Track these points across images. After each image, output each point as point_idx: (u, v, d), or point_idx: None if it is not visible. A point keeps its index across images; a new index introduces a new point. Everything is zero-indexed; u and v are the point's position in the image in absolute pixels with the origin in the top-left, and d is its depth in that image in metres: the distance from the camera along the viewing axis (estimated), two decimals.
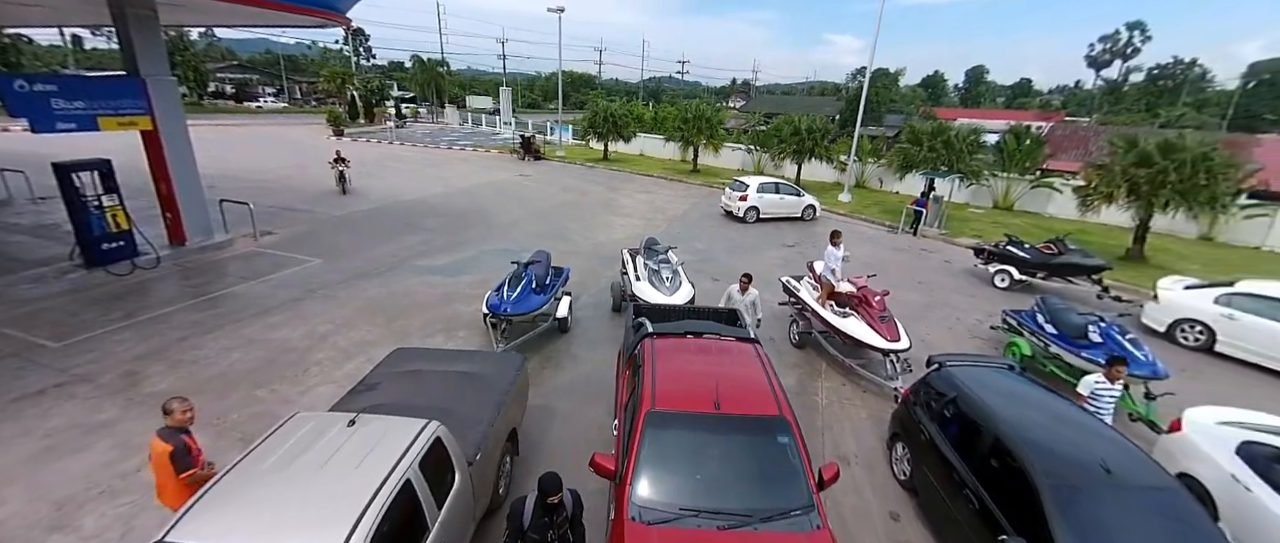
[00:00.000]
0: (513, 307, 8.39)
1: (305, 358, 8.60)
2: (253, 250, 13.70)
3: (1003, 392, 5.62)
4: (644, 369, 5.20)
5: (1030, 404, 5.42)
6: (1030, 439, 4.81)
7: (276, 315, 10.05)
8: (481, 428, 5.10)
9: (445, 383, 5.73)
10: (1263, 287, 9.82)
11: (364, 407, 5.09)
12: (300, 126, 46.04)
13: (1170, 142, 14.06)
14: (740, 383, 5.08)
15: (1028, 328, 9.31)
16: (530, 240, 15.52)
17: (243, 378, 7.99)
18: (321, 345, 9.00)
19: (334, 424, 4.25)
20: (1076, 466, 4.57)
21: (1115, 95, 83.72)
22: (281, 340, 9.12)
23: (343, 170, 20.32)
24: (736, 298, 8.11)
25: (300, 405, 7.27)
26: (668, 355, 5.43)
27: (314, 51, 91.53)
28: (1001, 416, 5.15)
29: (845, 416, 7.77)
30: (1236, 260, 16.63)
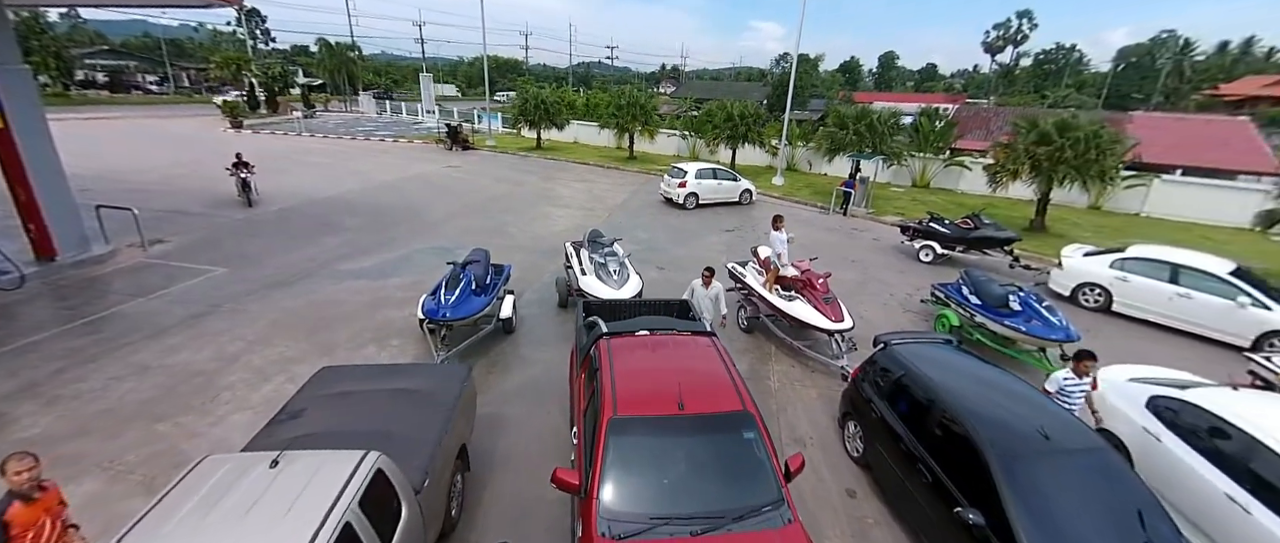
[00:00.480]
0: (452, 311, 7.85)
1: (213, 382, 7.66)
2: (141, 262, 12.13)
3: (946, 367, 5.85)
4: (602, 373, 4.95)
5: (971, 377, 5.66)
6: (975, 412, 5.01)
7: (175, 336, 8.91)
8: (427, 450, 4.67)
9: (382, 403, 5.21)
10: (1149, 250, 10.94)
11: (288, 440, 4.54)
12: (191, 118, 41.49)
13: (1066, 121, 15.36)
14: (701, 380, 4.95)
15: (955, 300, 9.86)
16: (464, 237, 14.75)
17: (138, 412, 7.00)
18: (232, 367, 8.06)
19: (254, 467, 3.71)
20: (1019, 435, 4.80)
21: (1008, 78, 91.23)
22: (183, 364, 8.09)
23: (246, 177, 16.96)
24: (699, 293, 7.87)
25: (211, 439, 6.47)
26: (625, 356, 5.21)
27: (202, 34, 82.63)
28: (947, 391, 5.34)
29: (797, 397, 7.90)
30: (1119, 225, 18.57)
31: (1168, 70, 71.67)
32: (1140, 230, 17.99)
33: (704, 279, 7.87)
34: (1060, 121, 15.40)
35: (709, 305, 7.81)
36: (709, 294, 7.85)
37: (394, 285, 11.24)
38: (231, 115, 37.43)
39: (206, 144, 29.70)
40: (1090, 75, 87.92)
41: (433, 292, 8.51)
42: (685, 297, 7.90)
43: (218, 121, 38.06)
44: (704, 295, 7.82)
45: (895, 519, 5.65)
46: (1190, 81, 69.97)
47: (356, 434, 4.63)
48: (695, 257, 14.00)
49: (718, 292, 7.98)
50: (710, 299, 7.86)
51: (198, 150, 27.30)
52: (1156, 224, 19.02)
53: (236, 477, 3.62)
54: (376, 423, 4.88)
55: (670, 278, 12.40)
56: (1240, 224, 18.68)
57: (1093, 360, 5.83)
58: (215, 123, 37.97)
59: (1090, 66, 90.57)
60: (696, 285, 7.93)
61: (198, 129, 35.75)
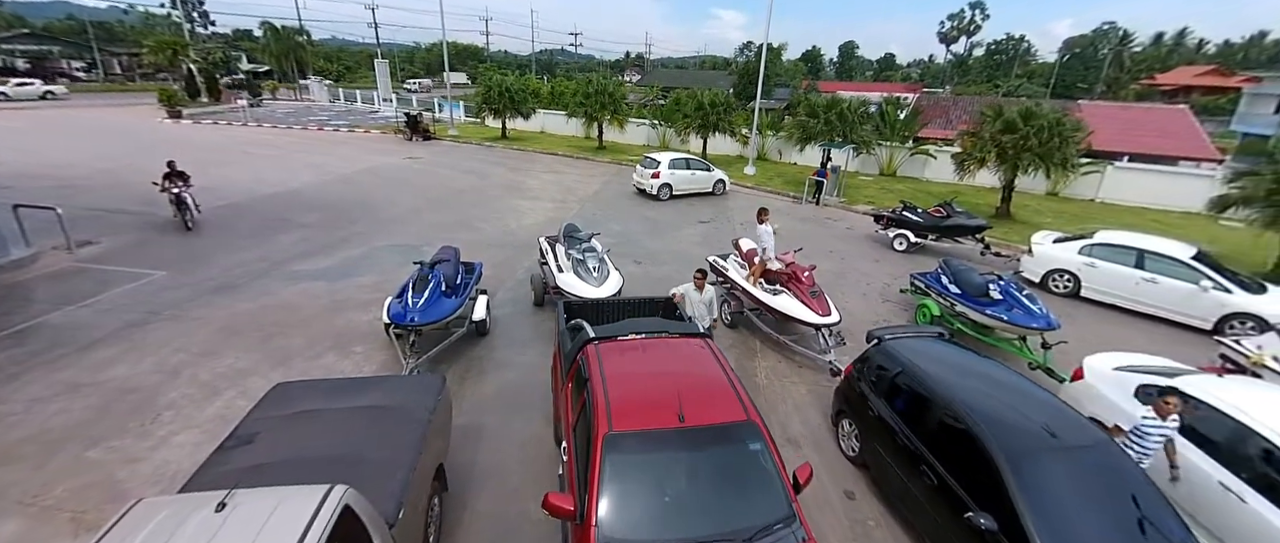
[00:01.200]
0: (421, 315, 7.29)
1: (154, 400, 6.92)
2: (69, 266, 11.01)
3: (943, 362, 5.71)
4: (592, 383, 4.57)
5: (970, 372, 5.53)
6: (979, 409, 4.86)
7: (109, 348, 8.05)
8: (401, 476, 4.20)
9: (347, 423, 4.69)
10: (1115, 237, 11.21)
11: (238, 471, 4.00)
12: (124, 108, 38.58)
13: (1030, 110, 15.68)
14: (700, 387, 4.63)
15: (934, 290, 9.85)
16: (430, 232, 14.03)
17: (67, 436, 6.24)
18: (175, 382, 7.31)
19: (196, 512, 3.19)
20: (1025, 432, 4.67)
21: (963, 68, 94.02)
22: (119, 381, 7.29)
23: (180, 192, 13.36)
24: (692, 297, 7.34)
25: (151, 465, 5.80)
26: (616, 363, 4.83)
27: (132, 17, 77.00)
28: (947, 387, 5.19)
29: (785, 394, 7.70)
30: (1077, 212, 19.19)
31: (1109, 61, 75.16)
32: (1096, 216, 18.62)
33: (696, 282, 7.34)
34: (1024, 110, 15.70)
35: (703, 311, 7.32)
36: (703, 299, 7.34)
37: (355, 286, 10.52)
38: (169, 104, 34.90)
39: (141, 136, 27.64)
40: (1038, 65, 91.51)
41: (398, 294, 7.93)
42: (672, 293, 7.45)
43: (154, 111, 35.45)
44: (698, 300, 7.32)
45: (897, 521, 5.49)
46: (1129, 71, 73.58)
47: (319, 462, 4.13)
48: (672, 250, 13.71)
49: (712, 297, 7.47)
50: (705, 304, 7.36)
51: (132, 142, 25.35)
52: (1111, 210, 19.75)
53: (176, 525, 3.10)
54: (341, 447, 4.37)
55: (649, 272, 12.06)
56: (1189, 208, 19.58)
57: (1180, 401, 4.95)
58: (151, 113, 35.36)
59: (1037, 57, 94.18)
60: (688, 289, 7.39)
61: (131, 119, 33.24)
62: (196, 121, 33.89)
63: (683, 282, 11.41)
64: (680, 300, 7.36)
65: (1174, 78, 66.65)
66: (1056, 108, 16.07)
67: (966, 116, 33.58)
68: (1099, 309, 11.01)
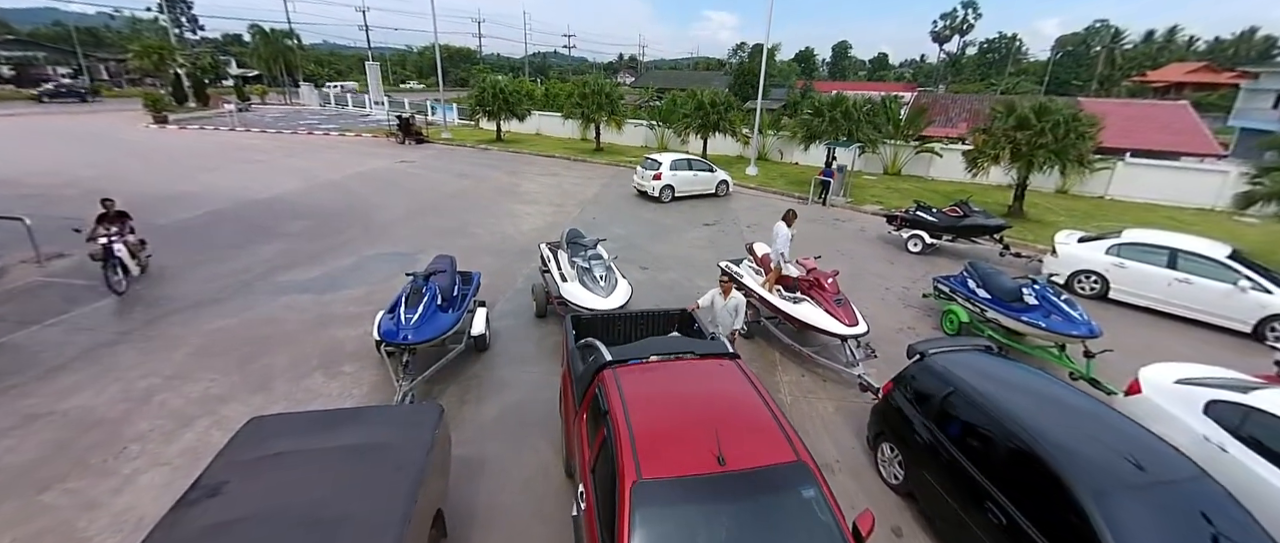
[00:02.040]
0: (415, 333, 6.65)
1: (119, 432, 6.25)
2: (36, 281, 10.31)
3: (1001, 381, 5.12)
4: (613, 418, 3.95)
5: (1034, 394, 4.94)
6: (1053, 439, 4.28)
7: (73, 373, 7.37)
8: (393, 533, 3.57)
9: (330, 468, 4.06)
10: (1145, 236, 10.70)
11: (200, 532, 3.36)
12: (109, 114, 37.71)
13: (1044, 105, 15.19)
14: (739, 420, 4.02)
15: (961, 294, 9.31)
16: (423, 239, 13.37)
17: (19, 477, 5.56)
18: (144, 410, 6.63)
19: None
20: (1108, 466, 4.10)
21: (956, 67, 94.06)
22: (81, 410, 6.61)
23: (111, 242, 9.58)
24: (718, 305, 6.77)
25: (112, 512, 5.14)
26: (637, 392, 4.22)
27: (119, 22, 75.93)
28: (1012, 412, 4.60)
29: (813, 411, 7.10)
30: (1089, 209, 18.74)
31: (1102, 58, 75.29)
32: (1109, 213, 18.18)
33: (723, 288, 6.74)
34: (1038, 106, 15.22)
35: (728, 319, 6.75)
36: (729, 306, 6.74)
37: (344, 299, 9.85)
38: (154, 110, 34.03)
39: (125, 142, 26.85)
40: (1031, 63, 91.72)
41: (390, 308, 7.28)
42: (699, 304, 6.81)
43: (140, 117, 34.59)
44: (724, 308, 6.73)
45: None
46: (1120, 68, 73.77)
47: (296, 521, 3.50)
48: (677, 254, 13.12)
49: (739, 303, 6.88)
50: (730, 312, 6.77)
51: (114, 149, 24.56)
52: (1122, 207, 19.31)
53: None
54: (323, 500, 3.73)
55: (654, 278, 11.46)
56: (1202, 205, 19.19)
57: None
58: (137, 118, 34.52)
59: (1029, 55, 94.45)
60: (714, 296, 6.79)
61: (116, 125, 32.40)
62: (183, 127, 33.07)
63: (685, 286, 10.95)
64: (696, 309, 6.76)
65: (1165, 75, 66.80)
66: (1070, 103, 15.58)
67: (966, 114, 33.33)
68: (1128, 312, 10.47)
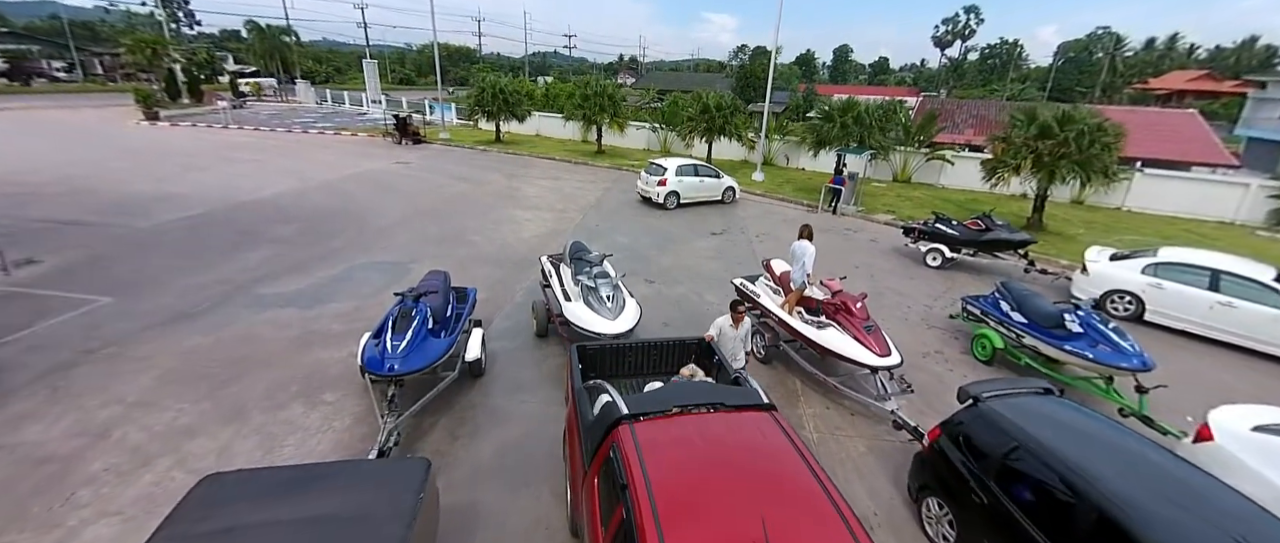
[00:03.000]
0: (403, 363, 5.98)
1: (69, 472, 5.56)
2: (1, 291, 9.59)
3: (1078, 436, 4.46)
4: (633, 491, 3.29)
5: (1119, 453, 4.28)
6: (1153, 515, 3.63)
7: (25, 399, 6.68)
8: None
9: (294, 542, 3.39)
10: (1184, 255, 10.07)
11: None
12: (100, 109, 36.91)
13: (1068, 113, 14.58)
14: (785, 498, 3.35)
15: (993, 317, 8.68)
16: (418, 247, 12.70)
17: None
18: (100, 446, 5.95)
19: None
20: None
21: (957, 72, 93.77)
22: (29, 446, 5.92)
23: None
24: (727, 334, 6.18)
25: None
26: (662, 459, 3.56)
27: (114, 16, 75.09)
28: (1101, 480, 3.91)
29: (842, 451, 6.45)
30: (1107, 221, 18.16)
31: (1104, 65, 74.95)
32: (1129, 225, 17.60)
33: (734, 318, 6.15)
34: (1061, 114, 14.61)
35: (737, 348, 6.20)
36: (739, 335, 6.20)
37: (331, 314, 9.17)
38: (145, 106, 33.24)
39: (113, 139, 26.10)
40: (1033, 70, 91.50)
41: (376, 331, 6.62)
42: (711, 337, 6.19)
43: (131, 113, 33.80)
44: (734, 337, 6.16)
45: None
46: (1122, 76, 73.45)
47: None
48: (685, 266, 12.47)
49: (748, 330, 6.38)
50: (739, 340, 6.24)
51: (101, 146, 23.82)
52: (1142, 219, 18.73)
53: None
54: None
55: (661, 293, 10.80)
56: (1222, 218, 18.62)
57: None
58: (128, 114, 33.71)
59: (1029, 62, 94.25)
60: (723, 324, 6.19)
61: (107, 121, 31.64)
62: (174, 124, 32.33)
63: (694, 301, 10.29)
64: (714, 340, 6.12)
65: (1167, 82, 66.63)
66: (1093, 111, 14.98)
67: (972, 120, 32.78)
68: (1164, 335, 9.82)
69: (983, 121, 31.80)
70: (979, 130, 30.70)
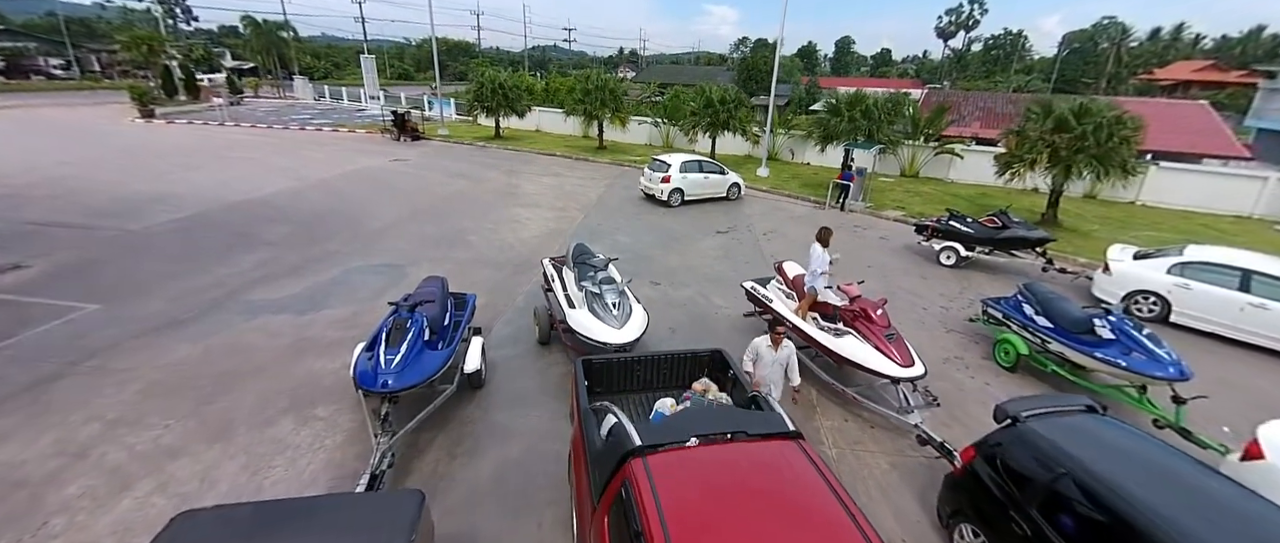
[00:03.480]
0: (398, 378, 5.63)
1: (41, 499, 5.23)
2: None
3: (1133, 462, 4.07)
4: (649, 537, 2.93)
5: (1179, 482, 3.90)
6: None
7: (4, 415, 6.36)
8: None
9: None
10: (1213, 254, 9.67)
11: None
12: (96, 106, 36.55)
13: (1085, 106, 14.11)
14: (815, 540, 2.99)
15: (1016, 321, 8.30)
16: (416, 249, 12.34)
17: None
18: (78, 467, 5.61)
19: None
20: None
21: (961, 63, 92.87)
22: (3, 467, 5.59)
23: None
24: (765, 357, 5.66)
25: None
26: (680, 499, 3.20)
27: (110, 12, 74.63)
28: (1164, 517, 3.53)
29: (863, 469, 6.09)
30: (1122, 216, 17.72)
31: (1110, 56, 74.07)
32: (1145, 221, 17.18)
33: (774, 338, 5.60)
34: (1078, 107, 14.14)
35: (778, 375, 5.65)
36: (779, 358, 5.64)
37: (325, 321, 8.81)
38: (141, 103, 32.83)
39: (107, 137, 25.72)
40: (1037, 61, 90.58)
41: (370, 343, 6.26)
42: (745, 364, 5.71)
43: (127, 110, 33.41)
44: (773, 361, 5.63)
45: None
46: (1127, 66, 72.57)
47: None
48: (691, 266, 12.09)
49: (790, 355, 5.77)
50: (780, 366, 5.68)
51: (96, 145, 23.46)
52: (1157, 214, 18.29)
53: None
54: None
55: (667, 296, 10.43)
56: (1239, 212, 18.18)
57: None
58: (123, 111, 33.34)
59: (1033, 52, 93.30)
60: (760, 346, 5.66)
61: (102, 119, 31.30)
62: (170, 121, 31.93)
63: (701, 304, 9.91)
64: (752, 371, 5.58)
65: (1172, 73, 65.98)
66: (1111, 103, 14.51)
67: (979, 113, 32.24)
68: (1190, 337, 9.42)
69: (990, 114, 31.27)
70: (986, 123, 30.20)
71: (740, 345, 8.50)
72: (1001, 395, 7.52)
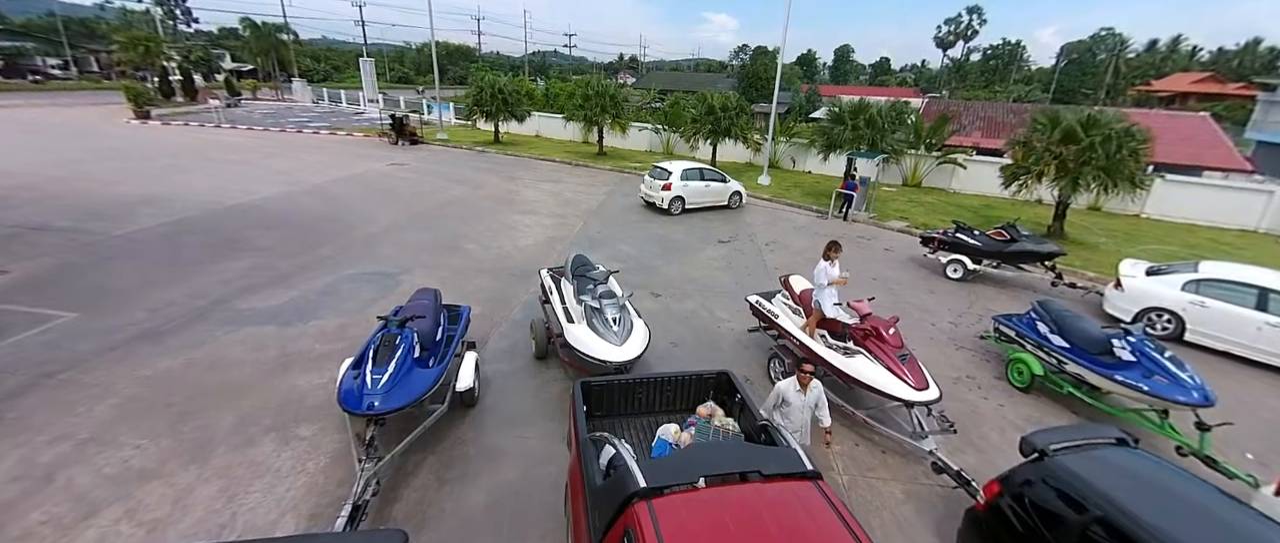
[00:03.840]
0: (386, 400, 5.30)
1: (1, 528, 4.88)
2: None
3: (1173, 504, 3.77)
4: None
5: (1219, 525, 3.62)
6: None
7: None
8: None
9: None
10: (1228, 271, 9.42)
11: None
12: (91, 107, 36.18)
13: (1093, 117, 13.92)
14: None
15: (1030, 340, 8.02)
16: (410, 256, 12.03)
17: None
18: (42, 494, 5.25)
19: None
20: None
21: (960, 73, 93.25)
22: None
23: None
24: (793, 400, 5.10)
25: None
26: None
27: (110, 12, 74.45)
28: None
29: (876, 498, 5.77)
30: (1127, 228, 17.52)
31: (1108, 67, 74.38)
32: (1151, 234, 16.97)
33: (801, 378, 5.10)
34: (1086, 118, 13.95)
35: (805, 419, 5.16)
36: (809, 401, 5.19)
37: (313, 333, 8.48)
38: (136, 104, 32.50)
39: (101, 138, 25.36)
40: (1036, 71, 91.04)
41: (356, 360, 5.94)
42: (769, 408, 5.23)
43: (122, 111, 33.08)
44: (802, 404, 5.16)
45: None
46: (1125, 77, 72.89)
47: None
48: (692, 277, 11.80)
49: (820, 396, 5.29)
50: (810, 410, 5.23)
51: (87, 146, 23.08)
52: (1163, 227, 18.09)
53: None
54: None
55: (669, 308, 10.12)
56: (1245, 226, 18.00)
57: None
58: (118, 112, 33.00)
59: (1032, 63, 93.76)
60: (786, 391, 5.12)
61: (97, 120, 30.92)
62: (166, 122, 31.61)
63: (703, 317, 9.61)
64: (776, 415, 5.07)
65: (1170, 84, 66.30)
66: (1119, 114, 14.32)
67: (980, 122, 32.14)
68: (1202, 355, 9.15)
69: (991, 124, 31.18)
70: (987, 133, 30.08)
71: (746, 364, 8.29)
72: (1017, 419, 7.24)
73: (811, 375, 5.06)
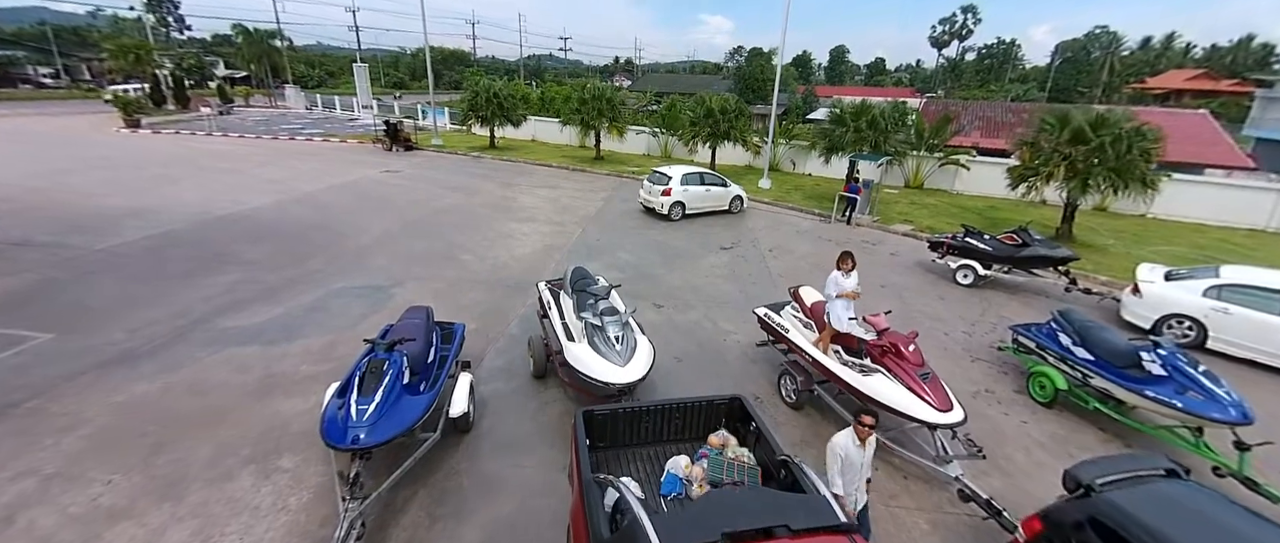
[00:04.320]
0: (372, 432, 4.89)
1: None
2: None
3: None
4: None
5: None
6: None
7: None
8: None
9: None
10: (1252, 275, 9.08)
11: None
12: (81, 116, 35.68)
13: (1102, 117, 13.62)
14: None
15: (1052, 352, 7.66)
16: (403, 267, 11.63)
17: None
18: (1, 537, 4.86)
19: None
20: None
21: (955, 72, 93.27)
22: None
23: None
24: (853, 458, 4.36)
25: None
26: None
27: (101, 21, 73.96)
28: None
29: (900, 531, 5.39)
30: (1135, 229, 17.20)
31: (1103, 64, 74.45)
32: (1159, 235, 16.66)
33: (859, 431, 4.35)
34: (1094, 118, 13.64)
35: (855, 475, 4.45)
36: (866, 458, 4.46)
37: (298, 353, 8.07)
38: (126, 112, 32.00)
39: (88, 148, 24.87)
40: (1031, 69, 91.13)
41: (341, 387, 5.54)
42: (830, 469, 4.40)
43: (112, 120, 32.59)
44: (862, 463, 4.44)
45: None
46: (1120, 75, 72.93)
47: None
48: (695, 286, 11.42)
49: (873, 447, 4.59)
50: (869, 466, 4.56)
51: (73, 156, 22.59)
52: (1171, 227, 17.78)
53: None
54: None
55: (672, 320, 9.74)
56: (1253, 225, 17.72)
57: None
58: (109, 121, 32.52)
59: (1026, 62, 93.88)
60: (846, 446, 4.37)
61: (86, 129, 30.44)
62: (156, 131, 31.09)
63: (708, 329, 9.23)
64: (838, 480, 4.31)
65: (1164, 82, 66.31)
66: (1128, 114, 14.02)
67: (979, 122, 31.87)
68: (1231, 365, 8.79)
69: (990, 123, 30.91)
70: (986, 132, 29.82)
71: (754, 380, 7.89)
72: (1042, 437, 6.88)
73: (870, 431, 4.38)
